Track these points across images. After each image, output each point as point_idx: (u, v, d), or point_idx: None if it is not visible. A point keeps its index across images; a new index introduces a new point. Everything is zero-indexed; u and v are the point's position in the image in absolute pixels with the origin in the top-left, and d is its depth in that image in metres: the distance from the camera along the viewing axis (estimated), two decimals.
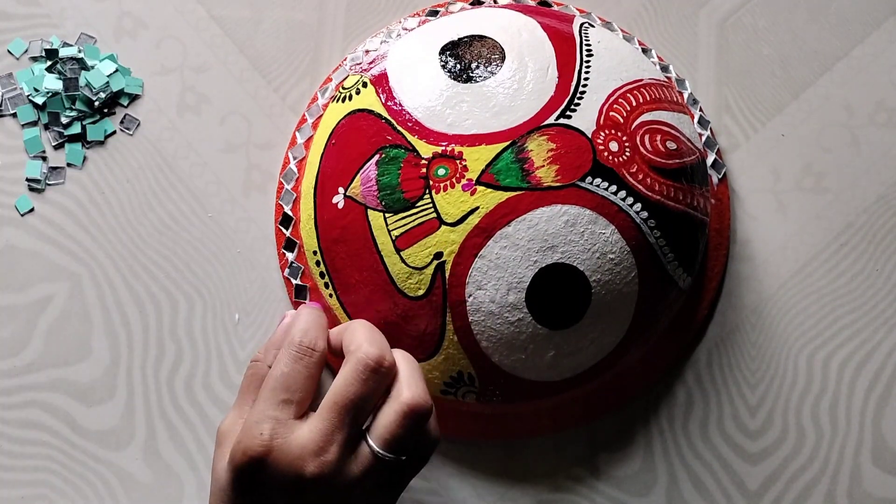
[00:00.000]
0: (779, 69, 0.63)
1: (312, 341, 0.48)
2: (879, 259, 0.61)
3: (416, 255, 0.52)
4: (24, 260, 0.59)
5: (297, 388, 0.47)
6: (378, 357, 0.46)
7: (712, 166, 0.61)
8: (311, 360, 0.48)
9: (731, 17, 0.64)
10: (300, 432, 0.46)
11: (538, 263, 0.51)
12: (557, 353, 0.53)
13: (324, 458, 0.45)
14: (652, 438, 0.59)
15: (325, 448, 0.45)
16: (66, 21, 0.62)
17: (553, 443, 0.59)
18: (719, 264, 0.60)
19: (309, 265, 0.57)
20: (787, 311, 0.60)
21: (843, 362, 0.60)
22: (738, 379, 0.59)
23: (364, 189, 0.53)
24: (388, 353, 0.47)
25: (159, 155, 0.61)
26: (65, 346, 0.58)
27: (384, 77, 0.55)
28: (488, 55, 0.54)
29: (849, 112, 0.63)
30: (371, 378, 0.46)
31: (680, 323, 0.59)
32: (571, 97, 0.53)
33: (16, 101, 0.60)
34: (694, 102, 0.62)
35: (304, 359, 0.48)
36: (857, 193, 0.62)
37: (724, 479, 0.59)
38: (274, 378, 0.47)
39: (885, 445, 0.59)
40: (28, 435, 0.58)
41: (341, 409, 0.45)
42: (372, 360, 0.46)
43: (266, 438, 0.45)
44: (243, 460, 0.46)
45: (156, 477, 0.58)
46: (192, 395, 0.58)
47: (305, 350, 0.48)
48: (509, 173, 0.51)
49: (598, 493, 0.58)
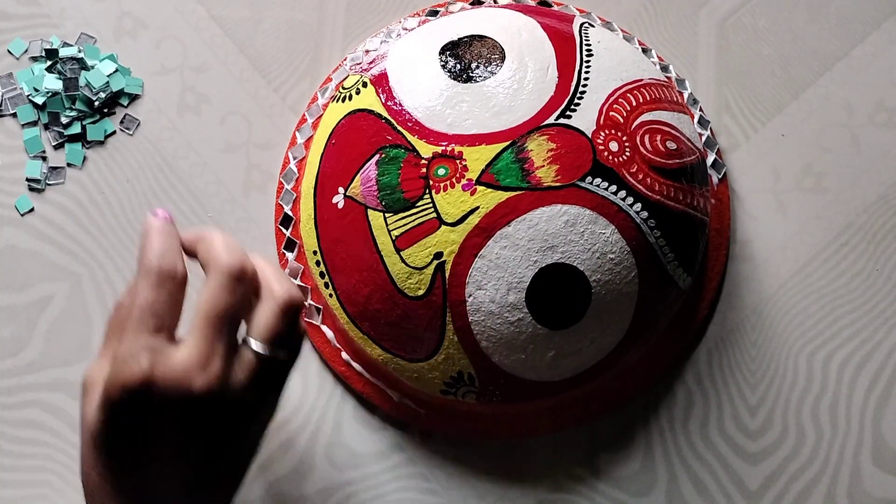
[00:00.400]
0: (779, 69, 0.63)
1: (171, 265, 0.46)
2: (879, 259, 0.61)
3: (416, 255, 0.52)
4: (24, 260, 0.59)
5: (164, 314, 0.45)
6: (240, 266, 0.46)
7: (712, 166, 0.61)
8: (173, 285, 0.46)
9: (731, 17, 0.64)
10: (179, 354, 0.44)
11: (538, 263, 0.51)
12: (557, 353, 0.53)
13: (209, 371, 0.44)
14: (652, 438, 0.59)
15: (209, 361, 0.44)
16: (66, 21, 0.62)
17: (553, 443, 0.59)
18: (719, 264, 0.60)
19: (309, 265, 0.57)
20: (787, 311, 0.60)
21: (843, 362, 0.60)
22: (738, 379, 0.60)
23: (364, 189, 0.53)
24: (248, 260, 0.47)
25: (159, 155, 0.61)
26: (65, 346, 0.58)
27: (384, 77, 0.55)
28: (488, 55, 0.54)
29: (849, 112, 0.63)
30: (237, 287, 0.45)
31: (680, 323, 0.59)
32: (571, 97, 0.53)
33: (16, 101, 0.60)
34: (694, 102, 0.62)
35: (166, 284, 0.46)
36: (857, 193, 0.62)
37: (724, 479, 0.59)
38: (139, 308, 0.45)
39: (885, 445, 0.59)
40: (28, 435, 0.58)
41: (215, 321, 0.45)
42: (236, 270, 0.46)
43: (146, 367, 0.43)
44: (122, 395, 0.43)
45: None
46: None
47: (166, 275, 0.46)
48: (509, 173, 0.51)
49: (598, 493, 0.58)
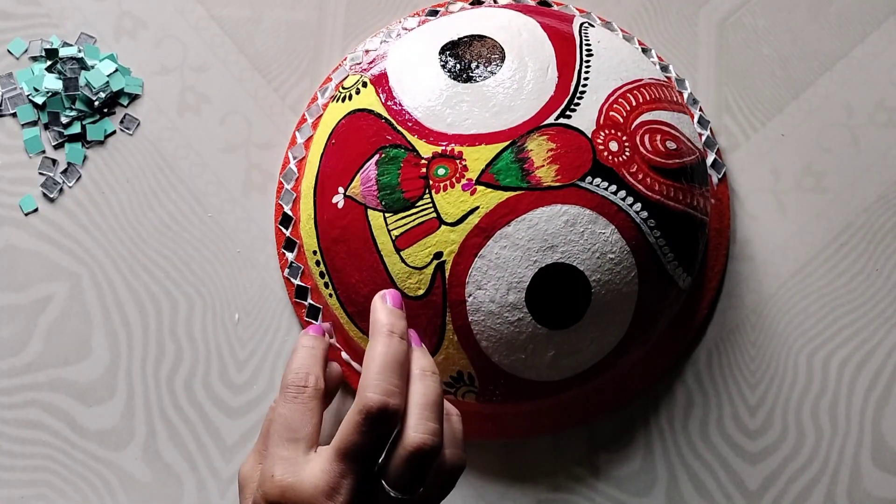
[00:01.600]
0: (779, 69, 0.63)
1: (303, 378, 0.50)
2: (879, 259, 0.61)
3: (416, 255, 0.52)
4: (24, 260, 0.59)
5: (297, 426, 0.49)
6: (381, 404, 0.46)
7: (712, 166, 0.61)
8: (304, 397, 0.50)
9: (731, 17, 0.64)
10: (311, 470, 0.47)
11: (538, 263, 0.51)
12: (557, 353, 0.52)
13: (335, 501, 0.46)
14: (652, 438, 0.59)
15: (336, 490, 0.46)
16: (66, 21, 0.62)
17: (553, 443, 0.59)
18: (719, 264, 0.60)
19: (309, 265, 0.57)
20: (787, 311, 0.60)
21: (843, 362, 0.60)
22: (738, 379, 0.59)
23: (364, 189, 0.53)
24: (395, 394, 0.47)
25: (159, 155, 0.61)
26: (65, 346, 0.58)
27: (384, 77, 0.55)
28: (488, 55, 0.54)
29: (849, 112, 0.63)
30: (372, 429, 0.46)
31: (680, 323, 0.59)
32: (571, 97, 0.53)
33: (16, 101, 0.60)
34: (694, 102, 0.62)
35: (299, 397, 0.50)
36: (857, 193, 0.62)
37: (724, 479, 0.59)
38: (276, 422, 0.49)
39: (885, 445, 0.59)
40: (28, 435, 0.58)
41: (346, 457, 0.46)
42: (375, 407, 0.46)
43: (278, 479, 0.47)
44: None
45: (155, 477, 0.58)
46: (191, 394, 0.58)
47: (297, 389, 0.50)
48: (509, 173, 0.51)
49: (598, 493, 0.58)
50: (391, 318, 0.50)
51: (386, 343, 0.48)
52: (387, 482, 0.47)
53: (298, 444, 0.48)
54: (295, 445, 0.48)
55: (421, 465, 0.47)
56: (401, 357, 0.48)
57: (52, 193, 0.59)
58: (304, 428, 0.49)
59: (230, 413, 0.58)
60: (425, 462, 0.47)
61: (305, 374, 0.50)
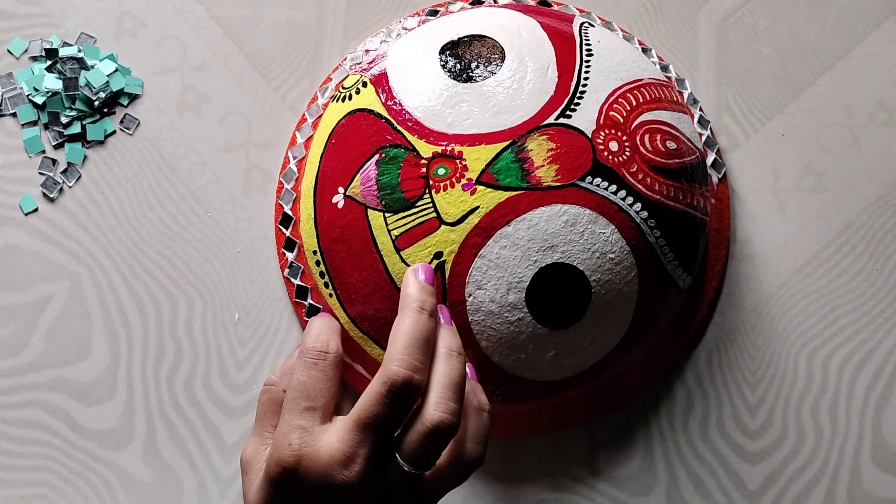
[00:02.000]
0: (779, 69, 0.63)
1: (324, 344, 0.50)
2: (879, 259, 0.61)
3: (416, 255, 0.52)
4: (24, 260, 0.59)
5: (316, 393, 0.48)
6: (406, 378, 0.46)
7: (712, 166, 0.61)
8: (325, 364, 0.49)
9: (731, 17, 0.64)
10: (328, 440, 0.46)
11: (538, 263, 0.51)
12: (557, 353, 0.53)
13: (350, 470, 0.46)
14: (652, 438, 0.59)
15: (352, 460, 0.46)
16: (66, 21, 0.62)
17: (553, 443, 0.59)
18: (719, 264, 0.60)
19: (309, 265, 0.57)
20: (787, 310, 0.60)
21: (843, 362, 0.60)
22: (738, 379, 0.59)
23: (364, 189, 0.53)
24: (419, 369, 0.47)
25: (159, 155, 0.61)
26: (65, 346, 0.58)
27: (384, 77, 0.55)
28: (488, 55, 0.54)
29: (849, 112, 0.63)
30: (394, 401, 0.46)
31: (680, 323, 0.59)
32: (571, 97, 0.53)
33: (16, 101, 0.60)
34: (694, 102, 0.62)
35: (319, 363, 0.49)
36: (857, 193, 0.62)
37: (724, 479, 0.59)
38: (293, 388, 0.48)
39: (885, 445, 0.59)
40: (28, 435, 0.58)
41: (364, 428, 0.46)
42: (400, 380, 0.46)
43: (296, 447, 0.46)
44: (277, 471, 0.47)
45: (155, 477, 0.58)
46: (191, 394, 0.58)
47: (318, 354, 0.49)
48: (509, 173, 0.51)
49: (598, 493, 0.58)
50: (422, 293, 0.49)
51: (415, 318, 0.48)
52: (401, 456, 0.46)
53: (315, 414, 0.47)
54: (312, 415, 0.47)
55: (437, 443, 0.46)
56: (427, 334, 0.48)
57: (52, 193, 0.59)
58: (321, 396, 0.48)
59: (230, 413, 0.58)
60: (441, 440, 0.46)
61: (326, 341, 0.50)
